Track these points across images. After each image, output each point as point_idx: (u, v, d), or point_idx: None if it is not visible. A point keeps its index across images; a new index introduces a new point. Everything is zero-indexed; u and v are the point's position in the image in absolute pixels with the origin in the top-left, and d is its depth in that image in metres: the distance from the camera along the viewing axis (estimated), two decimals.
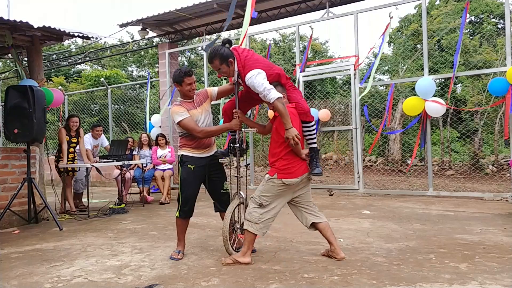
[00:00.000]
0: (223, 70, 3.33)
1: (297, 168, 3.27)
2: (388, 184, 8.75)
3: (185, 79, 3.47)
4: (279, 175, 3.23)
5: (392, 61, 15.35)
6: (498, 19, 14.46)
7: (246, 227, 3.27)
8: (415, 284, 2.72)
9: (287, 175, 3.23)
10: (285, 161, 3.25)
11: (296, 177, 3.25)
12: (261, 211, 3.26)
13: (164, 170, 7.40)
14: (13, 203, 5.07)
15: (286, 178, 3.22)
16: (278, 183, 3.24)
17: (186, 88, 3.51)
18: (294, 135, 3.11)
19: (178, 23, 9.41)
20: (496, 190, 7.15)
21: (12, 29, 5.35)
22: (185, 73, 3.47)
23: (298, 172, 3.27)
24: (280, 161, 3.26)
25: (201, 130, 3.44)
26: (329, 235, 3.36)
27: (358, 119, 7.15)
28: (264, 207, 3.27)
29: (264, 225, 3.28)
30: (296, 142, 3.12)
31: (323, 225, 3.37)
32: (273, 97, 3.11)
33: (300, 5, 8.08)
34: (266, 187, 3.28)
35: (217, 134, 3.59)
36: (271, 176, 3.26)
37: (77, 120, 6.44)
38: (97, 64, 21.21)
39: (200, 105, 3.59)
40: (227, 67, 3.31)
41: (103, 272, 3.20)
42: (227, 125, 3.56)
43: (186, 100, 3.58)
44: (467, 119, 12.55)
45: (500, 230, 4.27)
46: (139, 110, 14.47)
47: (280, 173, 3.23)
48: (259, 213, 3.25)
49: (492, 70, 7.81)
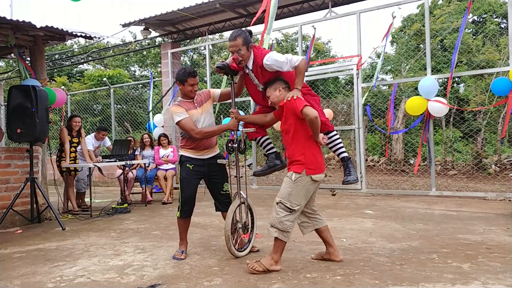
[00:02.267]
0: (241, 52, 3.29)
1: (321, 161, 3.14)
2: (391, 184, 8.74)
3: (188, 79, 3.47)
4: (308, 171, 3.03)
5: (395, 60, 15.32)
6: (501, 19, 14.41)
7: (278, 236, 3.03)
8: (417, 284, 2.72)
9: (315, 171, 3.06)
10: (311, 154, 3.08)
11: (323, 171, 3.14)
12: (292, 218, 3.04)
13: (167, 170, 7.41)
14: (16, 203, 5.08)
15: (315, 174, 3.06)
16: (307, 181, 3.05)
17: (188, 89, 3.50)
18: (296, 94, 3.05)
19: (180, 23, 9.42)
20: (499, 190, 7.13)
21: (14, 28, 5.37)
22: (190, 73, 3.46)
23: (323, 166, 3.15)
24: (307, 155, 3.07)
25: (199, 131, 3.43)
26: (328, 238, 3.27)
27: (360, 119, 7.14)
28: (296, 212, 3.06)
29: (292, 231, 3.11)
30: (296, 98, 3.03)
31: (324, 228, 3.30)
32: (299, 58, 3.14)
33: (302, 4, 8.07)
34: (295, 189, 3.04)
35: (215, 134, 3.57)
36: (299, 173, 3.04)
37: (79, 120, 6.46)
38: (99, 64, 21.25)
39: (200, 105, 3.58)
40: (246, 50, 3.31)
41: (106, 271, 3.21)
42: (224, 126, 3.56)
43: (186, 100, 3.57)
44: (470, 118, 12.51)
45: (503, 230, 4.25)
46: (141, 110, 14.49)
47: (308, 168, 3.04)
48: (291, 221, 3.03)
49: (495, 69, 7.78)
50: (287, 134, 3.15)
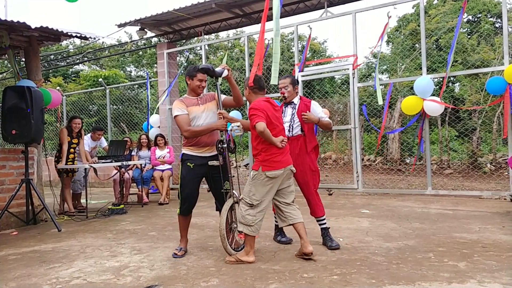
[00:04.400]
0: (288, 89, 3.85)
1: (279, 159, 3.32)
2: (387, 183, 8.76)
3: (198, 74, 3.59)
4: (263, 168, 3.29)
5: (390, 60, 15.36)
6: (495, 18, 14.49)
7: (242, 229, 3.32)
8: (414, 283, 2.72)
9: (270, 167, 3.29)
10: (265, 153, 3.32)
11: (279, 168, 3.31)
12: (253, 212, 3.30)
13: (163, 171, 7.39)
14: (11, 205, 5.05)
15: (269, 171, 3.28)
16: (263, 178, 3.29)
17: (196, 84, 3.61)
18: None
19: (176, 23, 9.40)
20: (494, 189, 7.16)
21: (9, 29, 5.33)
22: (200, 69, 3.60)
23: (281, 164, 3.33)
24: (261, 153, 3.33)
25: (188, 130, 3.51)
26: (300, 230, 3.37)
27: (357, 118, 7.15)
28: (256, 207, 3.31)
29: (258, 226, 3.34)
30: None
31: (298, 224, 3.40)
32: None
33: (298, 4, 8.08)
34: (253, 185, 3.33)
35: (203, 133, 3.58)
36: (256, 170, 3.32)
37: (80, 122, 6.43)
38: (95, 65, 21.18)
39: (204, 103, 3.66)
40: (293, 90, 3.88)
41: (102, 273, 3.20)
42: (212, 125, 3.58)
43: (191, 97, 3.66)
44: (466, 118, 12.57)
45: (499, 228, 4.28)
46: (137, 111, 14.45)
47: (263, 166, 3.30)
48: (252, 215, 3.30)
49: (490, 69, 7.81)
50: (251, 136, 3.50)
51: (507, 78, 5.77)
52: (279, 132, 3.39)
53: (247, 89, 3.53)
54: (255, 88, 3.50)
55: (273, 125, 3.34)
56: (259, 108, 3.31)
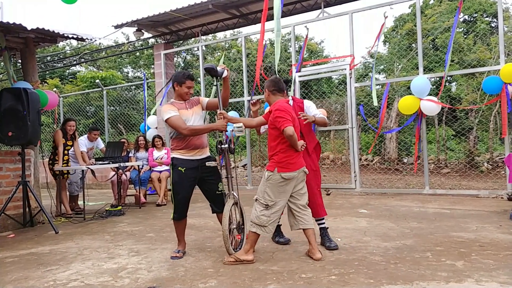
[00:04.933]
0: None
1: (295, 161, 3.34)
2: (385, 183, 8.78)
3: (187, 81, 3.59)
4: (279, 169, 3.30)
5: (387, 60, 15.39)
6: (491, 18, 14.53)
7: (255, 230, 3.32)
8: (412, 283, 2.73)
9: (285, 169, 3.30)
10: (282, 154, 3.33)
11: (294, 170, 3.33)
12: (268, 213, 3.32)
13: (161, 172, 7.37)
14: (8, 207, 5.04)
15: (285, 172, 3.30)
16: (277, 179, 3.30)
17: (185, 90, 3.61)
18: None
19: (173, 24, 9.39)
20: (491, 188, 7.19)
21: (5, 31, 5.32)
22: (189, 76, 3.61)
23: (296, 166, 3.35)
24: (278, 154, 3.34)
25: (187, 127, 3.49)
26: (310, 236, 3.40)
27: (354, 118, 7.16)
28: (271, 208, 3.32)
29: (272, 227, 3.36)
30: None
31: (308, 230, 3.42)
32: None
33: (295, 5, 8.08)
34: (267, 186, 3.34)
35: (202, 132, 3.61)
36: (271, 171, 3.33)
37: (74, 124, 6.42)
38: (92, 66, 21.12)
39: (191, 107, 3.66)
40: None
41: (100, 275, 3.19)
42: (213, 125, 3.59)
43: (179, 101, 3.66)
44: (462, 117, 12.61)
45: (496, 227, 4.29)
46: (135, 112, 14.42)
47: (279, 167, 3.31)
48: (267, 216, 3.31)
49: (486, 68, 7.84)
50: (269, 136, 3.48)
51: (503, 77, 5.79)
52: (298, 133, 3.45)
53: (266, 91, 3.57)
54: (275, 90, 3.54)
55: (295, 126, 3.37)
56: (285, 110, 3.33)
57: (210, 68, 3.51)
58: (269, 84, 3.57)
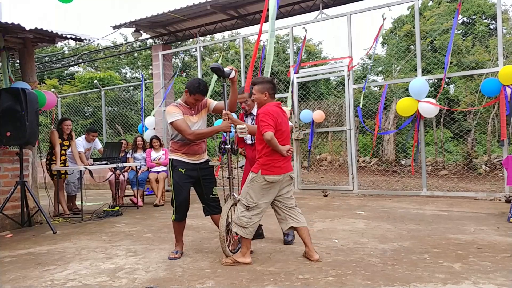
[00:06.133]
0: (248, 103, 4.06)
1: (280, 165, 3.31)
2: (382, 184, 8.79)
3: (197, 95, 3.53)
4: (263, 171, 3.27)
5: (385, 62, 15.42)
6: (490, 20, 14.59)
7: (236, 231, 3.32)
8: (409, 284, 2.73)
9: (269, 172, 3.28)
10: (267, 157, 3.30)
11: (278, 174, 3.30)
12: (249, 214, 3.30)
13: (158, 173, 7.37)
14: (6, 207, 5.03)
15: (268, 175, 3.27)
16: (261, 181, 3.28)
17: (191, 101, 3.57)
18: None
19: (171, 25, 9.39)
20: (489, 190, 7.20)
21: (3, 31, 5.31)
22: (201, 91, 3.53)
23: (282, 170, 3.32)
24: (263, 157, 3.32)
25: (192, 132, 3.47)
26: (305, 238, 3.39)
27: (352, 120, 7.17)
28: (252, 210, 3.30)
29: (253, 228, 3.33)
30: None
31: (302, 229, 3.41)
32: None
33: (294, 6, 8.10)
34: (250, 187, 3.32)
35: (208, 136, 3.62)
36: (255, 173, 3.31)
37: (70, 123, 6.40)
38: (90, 66, 21.09)
39: (197, 112, 3.63)
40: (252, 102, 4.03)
41: (97, 275, 3.18)
42: (217, 127, 3.58)
43: (186, 105, 3.61)
44: (460, 119, 12.63)
45: (493, 229, 4.30)
46: (133, 112, 14.40)
47: (263, 169, 3.28)
48: (247, 217, 3.30)
49: (485, 70, 7.87)
50: (256, 138, 3.47)
51: (501, 79, 5.81)
52: (286, 137, 3.40)
53: (265, 94, 3.38)
54: (274, 94, 3.44)
55: (281, 131, 3.32)
56: (269, 114, 3.25)
57: (216, 68, 3.43)
58: (269, 86, 3.40)
